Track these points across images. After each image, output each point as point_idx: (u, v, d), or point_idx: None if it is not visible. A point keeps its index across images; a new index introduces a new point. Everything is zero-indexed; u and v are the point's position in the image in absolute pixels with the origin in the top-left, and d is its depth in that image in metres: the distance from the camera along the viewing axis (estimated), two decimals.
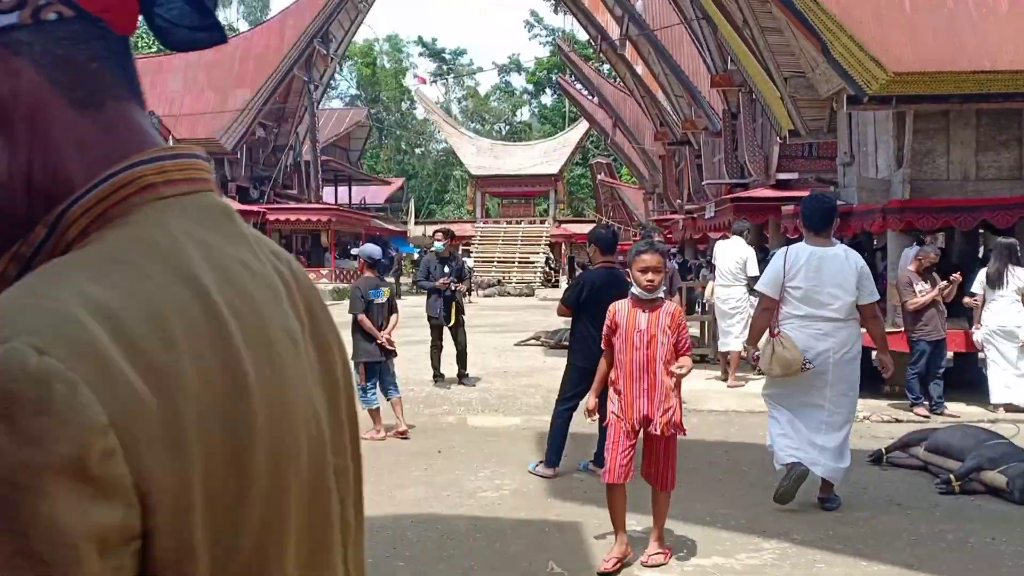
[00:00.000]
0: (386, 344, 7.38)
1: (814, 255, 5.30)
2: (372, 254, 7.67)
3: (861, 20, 8.10)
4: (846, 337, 5.27)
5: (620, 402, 4.45)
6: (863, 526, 5.04)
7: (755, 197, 14.06)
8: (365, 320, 7.30)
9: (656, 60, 21.94)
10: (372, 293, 7.40)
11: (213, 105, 29.64)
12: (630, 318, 4.42)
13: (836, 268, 5.27)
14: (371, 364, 7.34)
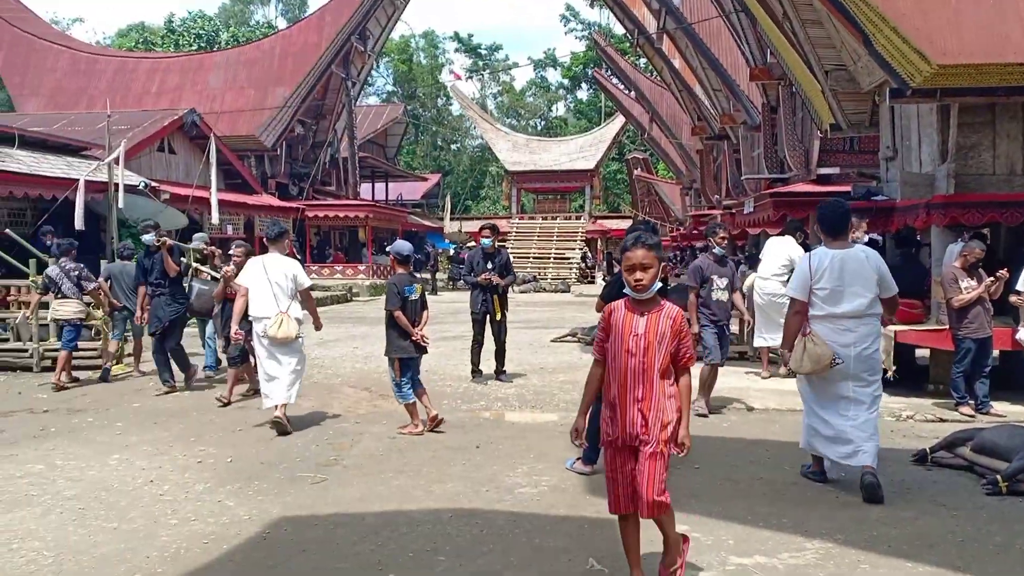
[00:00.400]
0: (421, 341, 7.43)
1: (836, 257, 5.64)
2: (403, 250, 7.62)
3: (904, 12, 7.95)
4: (866, 332, 5.63)
5: (614, 416, 3.96)
6: (907, 527, 4.97)
7: (795, 192, 13.88)
8: (402, 316, 7.33)
9: (694, 54, 21.75)
10: (407, 290, 7.43)
11: (253, 102, 30.01)
12: (626, 321, 3.93)
13: (857, 268, 5.60)
14: (405, 360, 7.40)
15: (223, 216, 22.52)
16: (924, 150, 9.92)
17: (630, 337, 3.90)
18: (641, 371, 3.88)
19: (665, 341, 3.88)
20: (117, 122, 19.22)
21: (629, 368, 3.89)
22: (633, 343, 3.89)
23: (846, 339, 5.59)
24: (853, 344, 5.58)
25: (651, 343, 3.87)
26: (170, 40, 56.84)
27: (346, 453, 6.77)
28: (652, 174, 47.01)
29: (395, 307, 7.34)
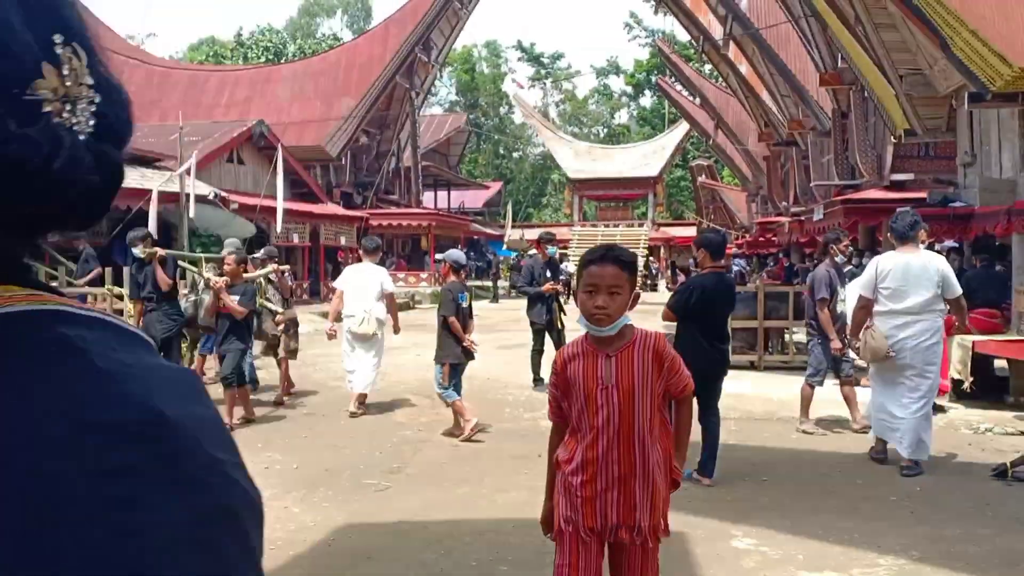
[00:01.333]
0: (470, 346, 7.58)
1: (900, 260, 6.36)
2: (458, 259, 7.84)
3: (984, 15, 7.70)
4: (923, 328, 6.27)
5: (576, 496, 2.89)
6: (986, 544, 4.77)
7: (867, 199, 13.55)
8: (455, 322, 7.46)
9: (761, 59, 21.44)
10: (460, 297, 7.57)
11: (319, 113, 30.57)
12: (587, 368, 2.86)
13: (919, 271, 6.29)
14: (455, 365, 7.54)
15: (288, 225, 22.96)
16: (1005, 155, 9.58)
17: (598, 392, 2.81)
18: (618, 435, 2.81)
19: (649, 383, 2.83)
20: (188, 133, 19.78)
21: (602, 433, 2.81)
22: (603, 398, 2.80)
23: (905, 332, 6.26)
24: (911, 337, 6.24)
25: (629, 393, 2.80)
26: (239, 53, 58.37)
27: (409, 461, 6.81)
28: (717, 181, 46.45)
29: (450, 313, 7.48)
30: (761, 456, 6.92)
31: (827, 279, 7.67)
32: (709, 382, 6.10)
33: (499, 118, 71.83)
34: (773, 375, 11.13)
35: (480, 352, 13.86)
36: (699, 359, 5.94)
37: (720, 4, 22.35)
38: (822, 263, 8.09)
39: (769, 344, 11.93)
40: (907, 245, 6.39)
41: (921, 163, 13.55)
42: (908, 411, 6.24)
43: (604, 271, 2.85)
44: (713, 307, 6.03)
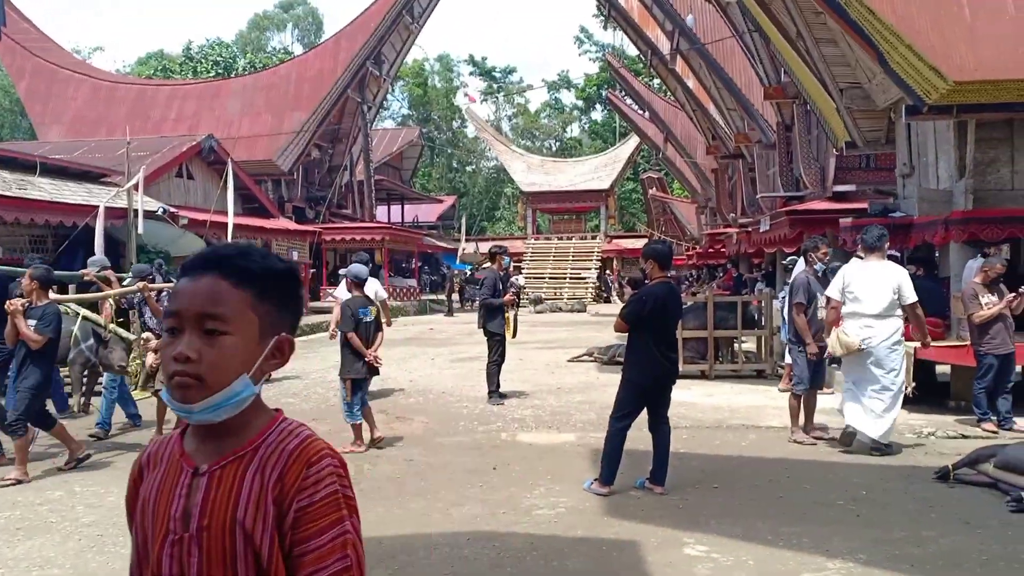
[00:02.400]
0: (374, 362, 7.65)
1: (866, 269, 7.21)
2: (359, 274, 7.87)
3: (919, 29, 7.94)
4: (886, 328, 7.09)
5: None
6: (931, 545, 4.90)
7: (811, 210, 13.85)
8: (355, 338, 7.53)
9: (707, 74, 21.82)
10: (361, 312, 7.61)
11: (270, 127, 30.30)
12: (164, 487, 1.50)
13: (881, 279, 7.12)
14: (357, 381, 7.59)
15: (240, 240, 22.67)
16: (941, 166, 9.88)
17: (163, 544, 1.45)
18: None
19: (259, 532, 1.42)
20: (136, 148, 19.47)
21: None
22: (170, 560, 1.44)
23: (868, 332, 7.07)
24: (875, 337, 7.04)
25: (220, 553, 1.42)
26: (188, 67, 57.62)
27: (363, 476, 6.76)
28: (667, 193, 47.05)
29: (349, 329, 7.59)
30: (712, 464, 7.01)
31: (805, 284, 7.78)
32: (660, 391, 6.19)
33: (452, 132, 71.85)
34: (723, 383, 11.30)
35: (435, 366, 13.97)
36: (651, 368, 6.04)
37: (667, 19, 22.72)
38: (802, 270, 8.15)
39: (719, 353, 12.11)
40: (874, 255, 7.21)
41: (862, 174, 13.91)
42: (880, 402, 7.03)
43: (196, 289, 1.47)
44: (664, 316, 6.12)
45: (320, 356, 15.99)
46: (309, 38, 70.60)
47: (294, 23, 73.61)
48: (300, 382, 12.17)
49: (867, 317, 7.11)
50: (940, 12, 8.09)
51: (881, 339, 7.06)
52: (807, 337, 7.59)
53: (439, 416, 9.39)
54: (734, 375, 11.84)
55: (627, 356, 6.30)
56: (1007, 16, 8.10)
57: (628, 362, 6.24)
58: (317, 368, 13.93)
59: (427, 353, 15.94)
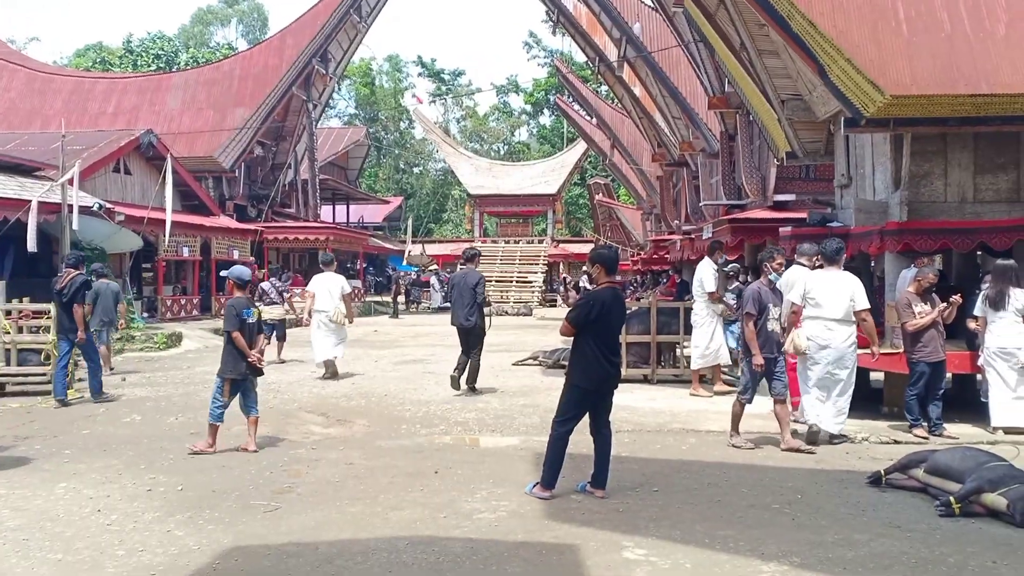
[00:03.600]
0: (256, 363, 7.58)
1: (826, 276, 7.97)
2: (242, 275, 7.81)
3: (858, 43, 8.12)
4: (844, 331, 7.87)
5: None
6: (862, 549, 5.00)
7: (752, 218, 14.08)
8: (239, 338, 7.46)
9: (654, 82, 22.05)
10: (245, 312, 7.57)
11: (211, 123, 29.72)
12: None
13: (839, 285, 7.85)
14: (236, 381, 7.53)
15: (178, 238, 22.22)
16: (878, 178, 10.12)
17: None
18: None
19: None
20: (72, 142, 18.91)
21: None
22: None
23: (828, 335, 7.82)
24: (835, 339, 7.81)
25: None
26: (128, 60, 56.29)
27: (301, 480, 6.65)
28: (613, 199, 47.43)
29: (233, 328, 7.49)
30: (652, 467, 7.06)
31: (756, 295, 7.78)
32: (603, 395, 6.21)
33: (399, 132, 71.44)
34: (665, 388, 11.41)
35: (378, 368, 13.83)
36: (595, 371, 6.05)
37: (615, 27, 22.91)
38: (756, 280, 8.25)
39: (661, 358, 12.22)
40: (833, 265, 8.00)
41: (802, 184, 14.20)
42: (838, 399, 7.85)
43: None
44: (609, 320, 6.14)
45: None
46: (254, 34, 69.57)
47: (239, 18, 72.48)
48: None
49: (828, 320, 7.82)
50: (878, 27, 8.29)
51: (840, 340, 7.81)
52: (754, 347, 7.63)
53: (381, 419, 9.29)
54: (676, 380, 11.96)
55: (572, 360, 6.29)
56: (943, 33, 8.33)
57: (572, 366, 6.23)
58: None
59: (371, 355, 15.77)
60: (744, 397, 7.78)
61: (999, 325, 8.19)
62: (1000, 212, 9.18)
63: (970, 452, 6.21)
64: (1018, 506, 5.41)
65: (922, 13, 8.44)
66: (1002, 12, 8.43)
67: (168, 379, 12.71)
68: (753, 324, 7.69)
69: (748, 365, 7.78)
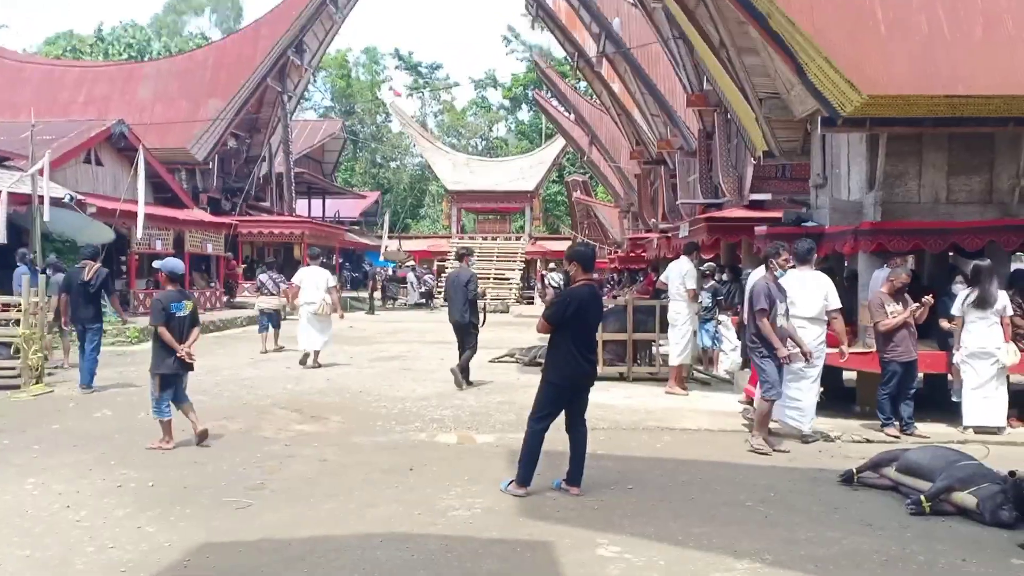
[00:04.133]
0: (186, 358, 7.51)
1: (799, 276, 8.17)
2: (175, 268, 7.79)
3: (836, 42, 8.15)
4: (817, 330, 8.14)
5: None
6: (834, 546, 5.04)
7: (729, 217, 14.13)
8: (166, 332, 7.41)
9: (632, 78, 22.07)
10: (174, 306, 7.52)
11: (184, 114, 29.34)
12: None
13: (812, 285, 8.14)
14: (167, 376, 7.47)
15: (151, 231, 21.95)
16: (853, 178, 10.19)
17: None
18: None
19: None
20: (42, 132, 18.60)
21: None
22: None
23: (802, 333, 7.92)
24: (804, 336, 7.90)
25: None
26: (99, 49, 55.45)
27: (275, 477, 6.59)
28: (591, 197, 47.45)
29: (159, 323, 7.44)
30: (628, 465, 7.07)
31: (766, 290, 7.70)
32: (579, 392, 6.21)
33: (376, 126, 70.99)
34: (641, 386, 11.44)
35: (354, 364, 13.76)
36: (571, 369, 6.05)
37: (594, 22, 22.89)
38: (761, 276, 8.08)
39: (638, 356, 12.25)
40: (804, 266, 8.25)
41: (778, 184, 14.26)
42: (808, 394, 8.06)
43: None
44: (586, 318, 6.14)
45: (233, 353, 15.59)
46: (228, 24, 68.79)
47: (212, 7, 71.58)
48: (211, 378, 11.82)
49: (801, 319, 8.02)
50: (857, 27, 8.33)
51: (811, 338, 7.98)
52: (775, 341, 7.56)
53: (356, 415, 9.24)
54: (652, 378, 11.99)
55: (548, 357, 6.29)
56: (920, 34, 8.38)
57: (548, 363, 6.23)
58: (229, 365, 13.57)
59: (346, 352, 15.69)
60: (771, 394, 7.65)
61: (979, 326, 8.24)
62: (973, 213, 9.28)
63: (941, 451, 6.28)
64: (987, 504, 5.49)
65: (900, 14, 8.49)
66: (979, 14, 8.50)
67: (140, 374, 12.52)
68: (768, 319, 7.62)
69: (769, 362, 7.65)
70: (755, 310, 7.72)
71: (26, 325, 10.67)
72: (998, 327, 8.24)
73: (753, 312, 7.75)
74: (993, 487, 5.58)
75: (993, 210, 9.29)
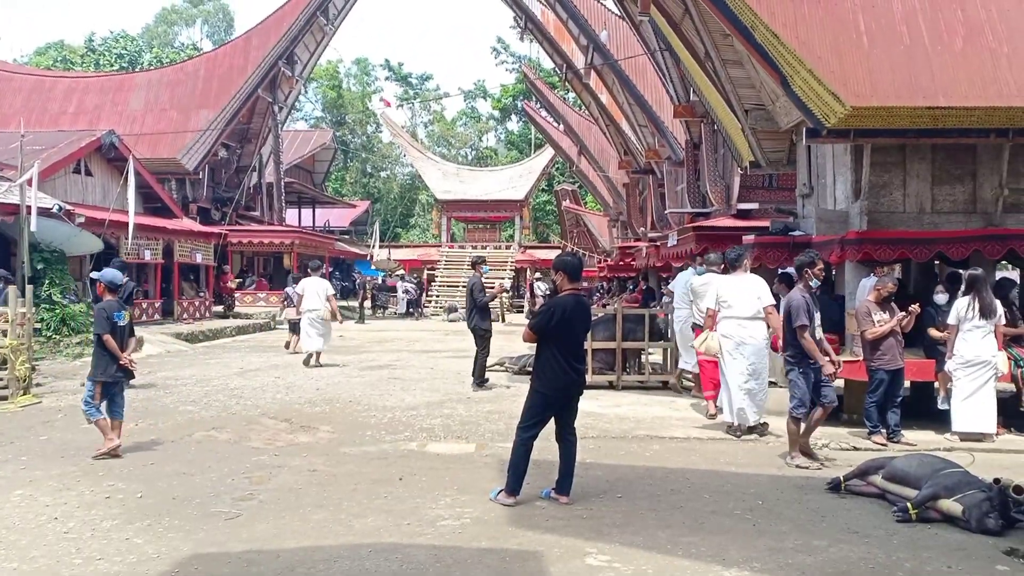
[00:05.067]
0: (128, 365, 7.74)
1: (735, 280, 8.76)
2: (113, 279, 7.91)
3: (820, 54, 8.25)
4: (755, 328, 8.55)
5: None
6: (821, 554, 5.07)
7: (716, 226, 14.22)
8: (111, 340, 7.58)
9: (620, 90, 22.21)
10: (116, 316, 7.70)
11: (175, 124, 29.32)
12: None
13: (747, 287, 8.62)
14: (108, 384, 7.61)
15: (140, 240, 21.89)
16: (839, 188, 10.27)
17: None
18: None
19: None
20: (31, 142, 18.56)
21: None
22: None
23: (741, 331, 8.54)
24: (747, 335, 8.53)
25: None
26: (90, 59, 55.40)
27: (263, 487, 6.58)
28: (580, 206, 47.60)
29: (104, 331, 7.60)
30: (617, 473, 7.10)
31: (804, 305, 7.41)
32: (567, 401, 6.23)
33: (367, 136, 71.05)
34: (630, 394, 11.47)
35: (343, 374, 13.76)
36: (558, 379, 6.08)
37: (582, 34, 23.04)
38: (795, 287, 7.80)
39: (627, 364, 12.29)
40: (737, 271, 8.82)
41: (765, 193, 14.38)
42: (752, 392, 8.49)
43: None
44: (572, 327, 6.17)
45: (222, 363, 15.55)
46: (219, 35, 68.88)
47: (204, 19, 71.70)
48: (200, 388, 11.79)
49: (741, 319, 8.56)
50: (840, 39, 8.43)
51: (752, 334, 8.53)
52: (818, 357, 7.38)
53: (345, 425, 9.24)
54: (641, 386, 12.03)
55: (535, 366, 6.32)
56: (902, 45, 8.49)
57: (536, 372, 6.26)
58: (219, 375, 13.54)
59: (336, 361, 15.67)
60: (800, 411, 7.43)
61: (975, 335, 8.27)
62: (957, 223, 9.37)
63: (927, 459, 6.33)
64: (973, 512, 5.53)
65: (882, 26, 8.60)
66: (960, 26, 8.62)
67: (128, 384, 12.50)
68: (809, 334, 7.38)
69: (803, 378, 7.46)
70: (795, 326, 7.40)
71: (13, 336, 10.64)
72: (992, 336, 8.31)
73: (793, 328, 7.43)
74: (979, 495, 5.62)
75: (977, 219, 9.39)
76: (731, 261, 8.94)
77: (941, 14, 8.70)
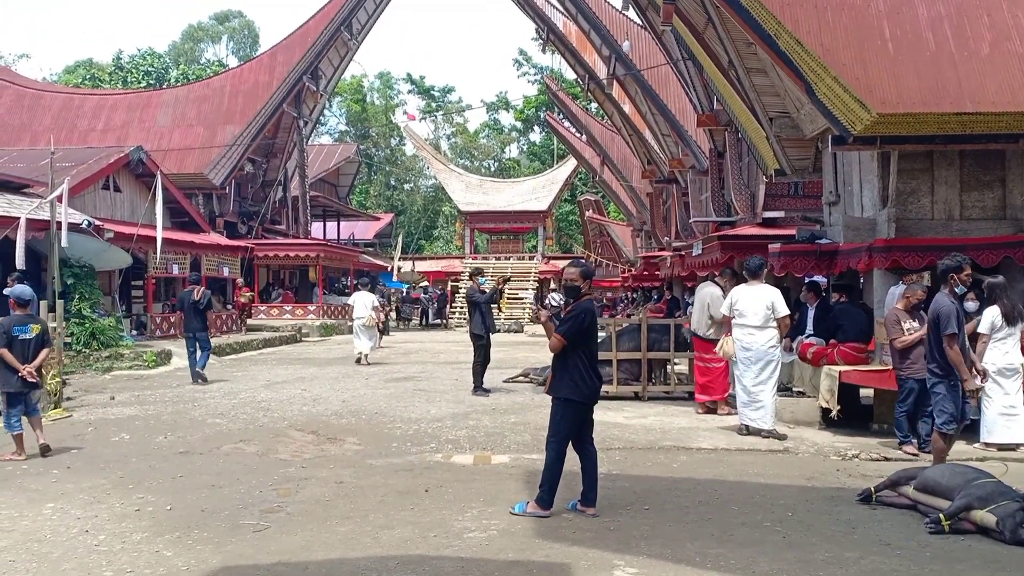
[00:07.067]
0: (27, 376, 8.20)
1: (748, 290, 9.16)
2: (22, 294, 8.54)
3: (845, 62, 8.20)
4: (766, 336, 9.01)
5: None
6: (852, 567, 5.00)
7: (742, 235, 14.14)
8: (7, 354, 8.15)
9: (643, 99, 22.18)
10: (16, 329, 8.26)
11: (202, 140, 29.69)
12: None
13: (759, 296, 9.03)
14: (12, 394, 8.23)
15: (168, 255, 22.14)
16: (865, 195, 10.19)
17: None
18: None
19: None
20: (61, 159, 18.85)
21: None
22: None
23: (751, 339, 9.03)
24: (757, 343, 9.01)
25: None
26: (118, 77, 56.22)
27: (291, 499, 6.61)
28: (604, 216, 47.56)
29: (2, 345, 8.16)
30: (643, 485, 7.06)
31: (955, 312, 6.85)
32: (588, 412, 6.21)
33: (390, 149, 71.50)
34: (656, 405, 11.41)
35: (368, 386, 13.81)
36: (586, 385, 6.06)
37: (604, 45, 23.06)
38: (941, 292, 7.18)
39: (652, 375, 12.22)
40: (754, 280, 9.16)
41: (791, 201, 14.28)
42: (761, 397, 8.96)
43: None
44: (595, 333, 6.22)
45: (250, 375, 15.67)
46: (245, 51, 69.64)
47: (229, 35, 72.53)
48: (228, 401, 11.89)
49: (750, 327, 9.02)
50: (864, 46, 8.38)
51: (760, 343, 8.97)
52: (964, 372, 6.83)
53: (371, 437, 9.26)
54: (667, 397, 11.96)
55: (562, 376, 6.18)
56: (927, 52, 8.42)
57: (561, 381, 6.13)
58: (247, 388, 13.64)
59: (361, 373, 15.74)
60: (951, 427, 6.98)
61: (1007, 343, 8.13)
62: (987, 229, 9.26)
63: (959, 469, 6.23)
64: (1007, 523, 5.43)
65: (907, 32, 8.53)
66: (986, 31, 8.53)
67: (157, 397, 12.64)
68: (959, 346, 6.85)
69: (955, 392, 6.94)
70: (945, 334, 6.83)
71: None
72: (1018, 342, 8.17)
73: (942, 336, 6.87)
74: (1012, 505, 5.53)
75: (1007, 225, 9.27)
76: (750, 270, 9.29)
77: (967, 20, 8.61)
